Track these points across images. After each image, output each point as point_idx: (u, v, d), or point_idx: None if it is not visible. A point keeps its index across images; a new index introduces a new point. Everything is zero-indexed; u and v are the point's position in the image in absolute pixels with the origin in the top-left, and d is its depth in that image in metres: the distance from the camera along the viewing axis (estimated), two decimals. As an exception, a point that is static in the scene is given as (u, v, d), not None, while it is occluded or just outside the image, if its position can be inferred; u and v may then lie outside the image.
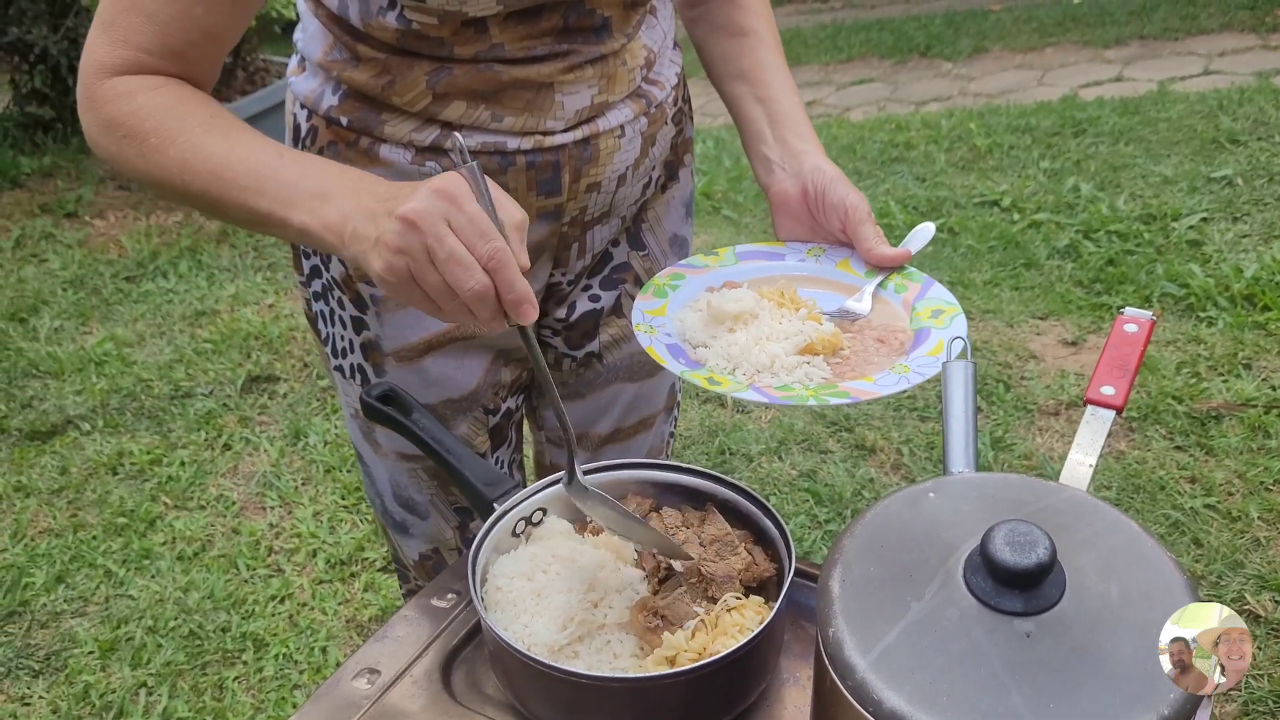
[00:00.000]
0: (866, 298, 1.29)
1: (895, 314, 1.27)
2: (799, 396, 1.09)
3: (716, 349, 1.20)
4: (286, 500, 3.00)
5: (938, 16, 7.41)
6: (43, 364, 3.64)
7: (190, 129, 1.10)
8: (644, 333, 1.22)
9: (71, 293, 4.14)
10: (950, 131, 5.16)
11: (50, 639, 2.60)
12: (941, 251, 4.03)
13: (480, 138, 1.25)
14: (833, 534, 2.70)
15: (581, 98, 1.27)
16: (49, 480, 3.11)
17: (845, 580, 0.88)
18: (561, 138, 1.28)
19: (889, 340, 1.21)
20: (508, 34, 1.19)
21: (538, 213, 1.33)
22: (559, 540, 1.13)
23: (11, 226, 4.66)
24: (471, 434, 1.51)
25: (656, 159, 1.45)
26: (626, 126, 1.34)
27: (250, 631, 2.57)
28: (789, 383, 1.14)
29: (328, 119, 1.28)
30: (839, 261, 1.36)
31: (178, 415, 3.36)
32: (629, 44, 1.31)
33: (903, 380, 1.11)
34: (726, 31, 1.46)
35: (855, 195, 1.33)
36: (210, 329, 3.82)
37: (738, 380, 1.15)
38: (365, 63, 1.22)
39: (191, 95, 1.14)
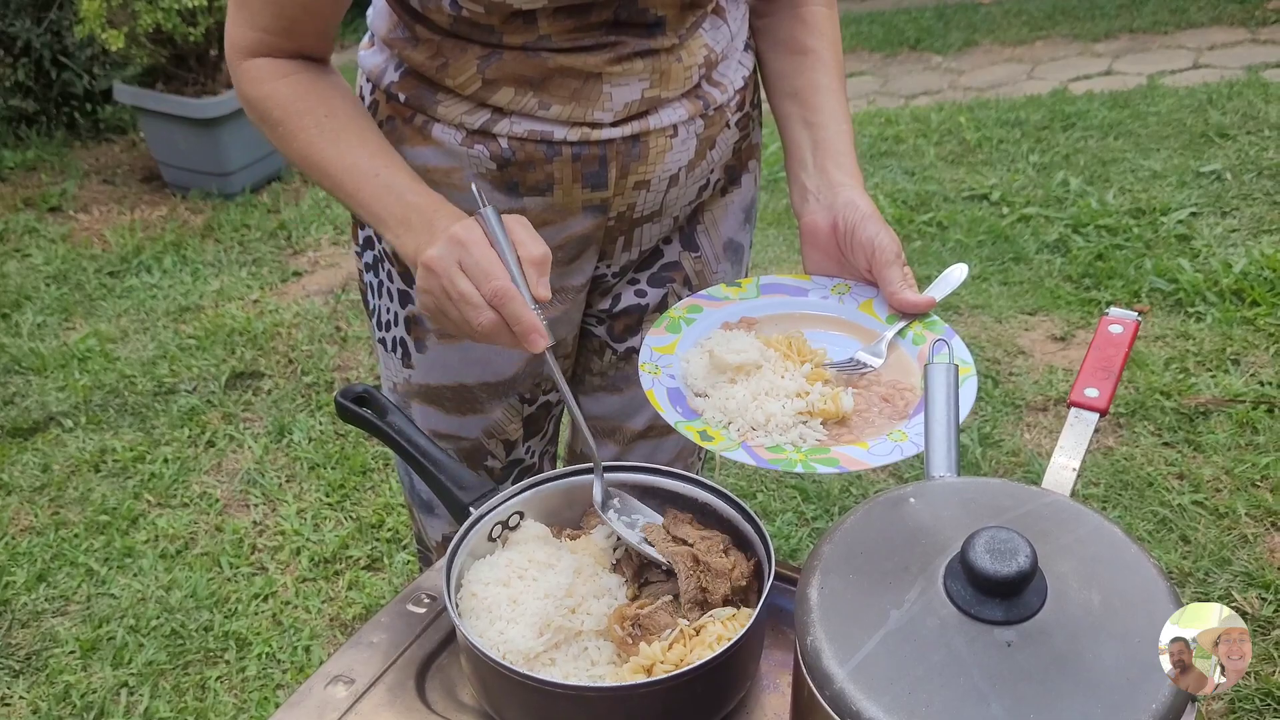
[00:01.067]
0: (882, 349, 1.24)
1: (908, 368, 1.23)
2: (788, 461, 1.08)
3: (714, 400, 1.18)
4: (270, 498, 2.98)
5: (928, 9, 7.39)
6: (25, 360, 3.61)
7: (307, 128, 1.24)
8: (648, 373, 1.21)
9: (55, 288, 4.11)
10: (940, 125, 5.14)
11: (31, 638, 2.58)
12: (930, 246, 4.02)
13: (527, 125, 1.27)
14: (819, 532, 2.69)
15: (631, 90, 1.27)
16: (30, 478, 3.08)
17: (824, 588, 0.86)
18: (609, 132, 1.29)
19: (894, 400, 1.18)
20: (556, 26, 1.21)
21: (583, 205, 1.33)
22: (536, 545, 1.12)
23: (-6, 221, 4.62)
24: (505, 419, 1.53)
25: (716, 162, 1.43)
26: (680, 127, 1.33)
27: (233, 630, 2.55)
28: (782, 443, 1.12)
29: (388, 94, 1.33)
30: (862, 302, 1.32)
31: (161, 412, 3.34)
32: (686, 42, 1.30)
33: (897, 450, 1.09)
34: (787, 48, 1.43)
35: (886, 235, 1.29)
36: (194, 325, 3.79)
37: (730, 437, 1.13)
38: (422, 43, 1.27)
39: (312, 88, 1.26)
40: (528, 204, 1.31)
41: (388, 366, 1.53)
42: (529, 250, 1.10)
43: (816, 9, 1.43)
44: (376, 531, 2.82)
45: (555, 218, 1.34)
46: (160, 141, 4.81)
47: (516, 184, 1.30)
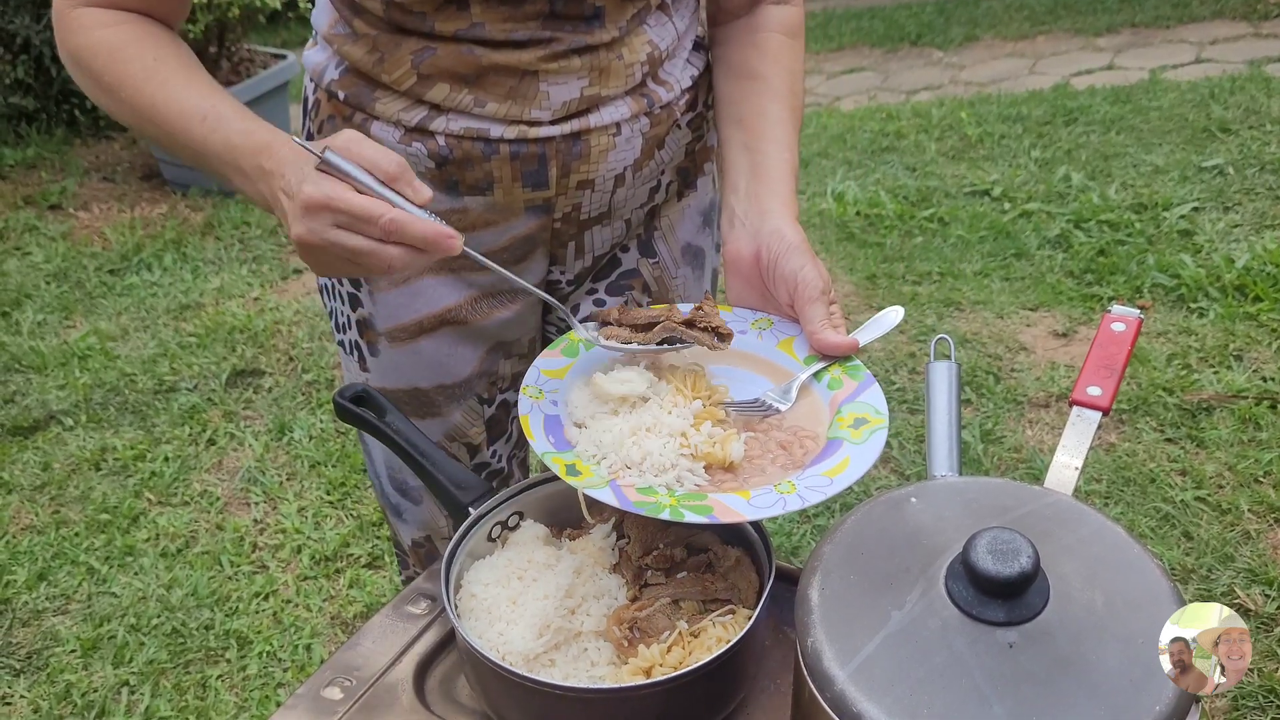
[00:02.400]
0: (792, 392, 1.14)
1: (816, 414, 1.12)
2: (655, 506, 0.97)
3: (591, 432, 1.07)
4: (271, 496, 2.97)
5: (929, 4, 7.38)
6: (25, 358, 3.61)
7: (133, 75, 1.15)
8: (529, 397, 1.11)
9: (55, 286, 4.10)
10: (941, 121, 5.13)
11: (31, 637, 2.57)
12: (932, 242, 4.01)
13: (464, 123, 1.24)
14: (821, 529, 2.68)
15: (569, 89, 1.24)
16: (31, 476, 3.08)
17: (824, 589, 0.86)
18: (548, 130, 1.25)
19: (792, 449, 1.08)
20: (490, 14, 1.18)
21: (525, 205, 1.31)
22: (535, 545, 1.11)
23: (-6, 219, 4.62)
24: (466, 423, 1.50)
25: (666, 163, 1.39)
26: (624, 125, 1.30)
27: (234, 629, 2.55)
28: (656, 484, 1.01)
29: (329, 92, 1.30)
30: (782, 340, 1.21)
31: (161, 410, 3.33)
32: (626, 37, 1.27)
33: (779, 503, 0.98)
34: (738, 73, 1.38)
35: (812, 269, 1.18)
36: (194, 323, 3.79)
37: (599, 473, 1.02)
38: (360, 38, 1.24)
39: (142, 36, 1.17)
40: (468, 203, 1.29)
41: (348, 369, 1.50)
42: (384, 168, 1.02)
43: (773, 36, 1.38)
44: (377, 529, 2.81)
45: (498, 218, 1.31)
46: (160, 139, 4.80)
47: (456, 183, 1.27)
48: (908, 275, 3.79)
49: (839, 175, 4.65)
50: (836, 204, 4.35)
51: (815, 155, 4.94)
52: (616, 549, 1.12)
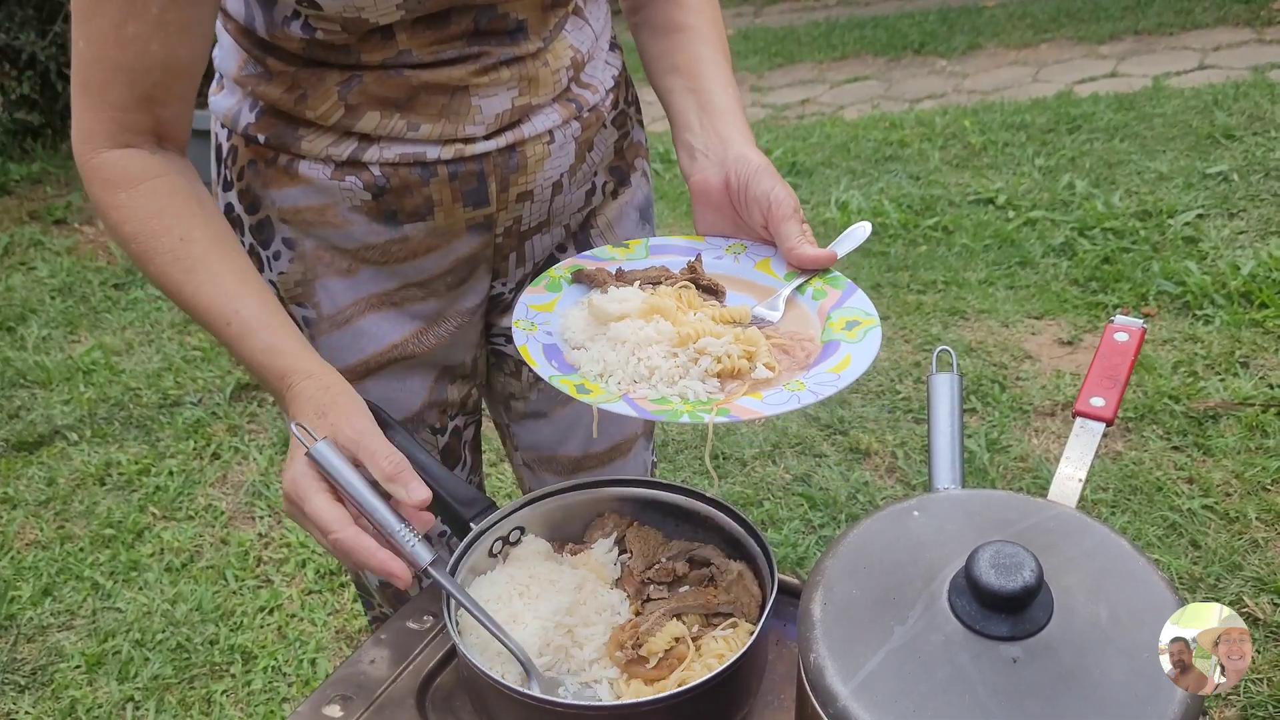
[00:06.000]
0: (780, 303, 1.15)
1: (807, 321, 1.14)
2: (672, 413, 0.98)
3: (593, 352, 1.07)
4: (275, 510, 2.97)
5: (932, 13, 7.39)
6: (30, 373, 3.61)
7: (160, 252, 1.12)
8: (522, 330, 1.11)
9: (60, 301, 4.11)
10: (944, 129, 5.13)
11: (37, 653, 2.57)
12: (936, 250, 4.00)
13: (398, 149, 1.21)
14: (827, 539, 2.67)
15: (500, 101, 1.23)
16: (36, 491, 3.08)
17: (827, 603, 0.85)
18: (484, 145, 1.23)
19: (793, 351, 1.09)
20: (416, 40, 1.16)
21: (467, 224, 1.29)
22: (537, 561, 1.11)
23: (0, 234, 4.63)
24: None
25: (598, 164, 1.39)
26: (556, 132, 1.29)
27: (238, 644, 2.55)
28: (668, 395, 1.02)
29: (246, 137, 1.25)
30: (759, 261, 1.23)
31: (166, 424, 3.33)
32: (550, 46, 1.26)
33: (793, 399, 0.99)
34: (663, 29, 1.39)
35: (782, 189, 1.21)
36: (199, 337, 3.79)
37: (610, 389, 1.03)
38: (277, 77, 1.19)
39: (169, 203, 1.13)
40: (408, 231, 1.26)
41: None
42: (381, 467, 1.02)
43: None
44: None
45: (439, 242, 1.29)
46: (165, 153, 4.81)
47: (394, 212, 1.24)
48: (912, 284, 3.78)
49: (843, 184, 4.65)
50: (840, 213, 4.34)
51: (819, 164, 4.94)
52: (618, 564, 1.11)
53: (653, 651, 0.99)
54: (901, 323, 3.56)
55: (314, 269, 1.30)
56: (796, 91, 6.51)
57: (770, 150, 5.06)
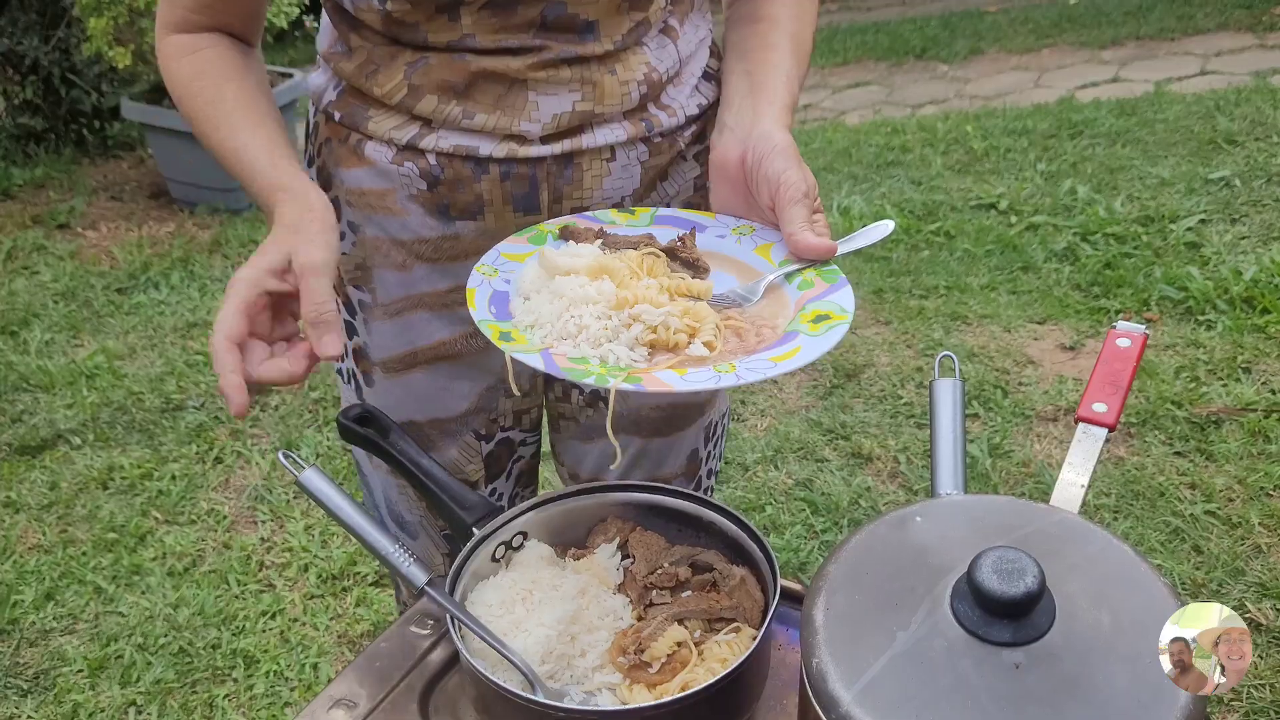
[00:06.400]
0: (759, 288, 1.10)
1: (782, 310, 1.07)
2: (581, 373, 0.95)
3: (532, 304, 1.05)
4: (278, 514, 2.97)
5: (934, 19, 7.39)
6: (33, 377, 3.61)
7: (196, 112, 1.22)
8: (480, 274, 1.09)
9: (63, 305, 4.12)
10: (946, 134, 5.14)
11: (39, 657, 2.57)
12: (938, 255, 4.00)
13: (454, 139, 1.22)
14: (829, 544, 2.67)
15: (559, 101, 1.21)
16: (38, 495, 3.08)
17: (829, 609, 0.85)
18: (538, 149, 1.23)
19: (746, 335, 1.04)
20: (480, 25, 1.17)
21: (517, 230, 1.27)
22: (540, 566, 1.11)
23: (3, 238, 4.63)
24: (462, 459, 1.47)
25: (671, 197, 1.34)
26: (619, 150, 1.26)
27: (241, 648, 2.55)
28: (590, 355, 0.98)
29: (326, 114, 1.30)
30: (761, 245, 1.16)
31: (169, 428, 3.34)
32: (622, 53, 1.24)
33: (713, 379, 0.94)
34: (748, 19, 1.33)
35: (796, 171, 1.13)
36: (202, 340, 3.80)
37: (533, 341, 1.00)
38: (355, 52, 1.24)
39: (211, 67, 1.23)
40: (460, 229, 1.27)
41: (345, 396, 1.49)
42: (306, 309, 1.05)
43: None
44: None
45: (489, 244, 1.26)
46: (168, 157, 4.83)
47: (447, 206, 1.26)
48: (914, 289, 3.78)
49: (845, 190, 4.66)
50: (842, 218, 4.35)
51: (821, 170, 4.94)
52: (621, 569, 1.11)
53: (655, 656, 0.99)
54: (904, 328, 3.56)
55: (372, 257, 1.33)
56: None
57: None
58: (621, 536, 1.14)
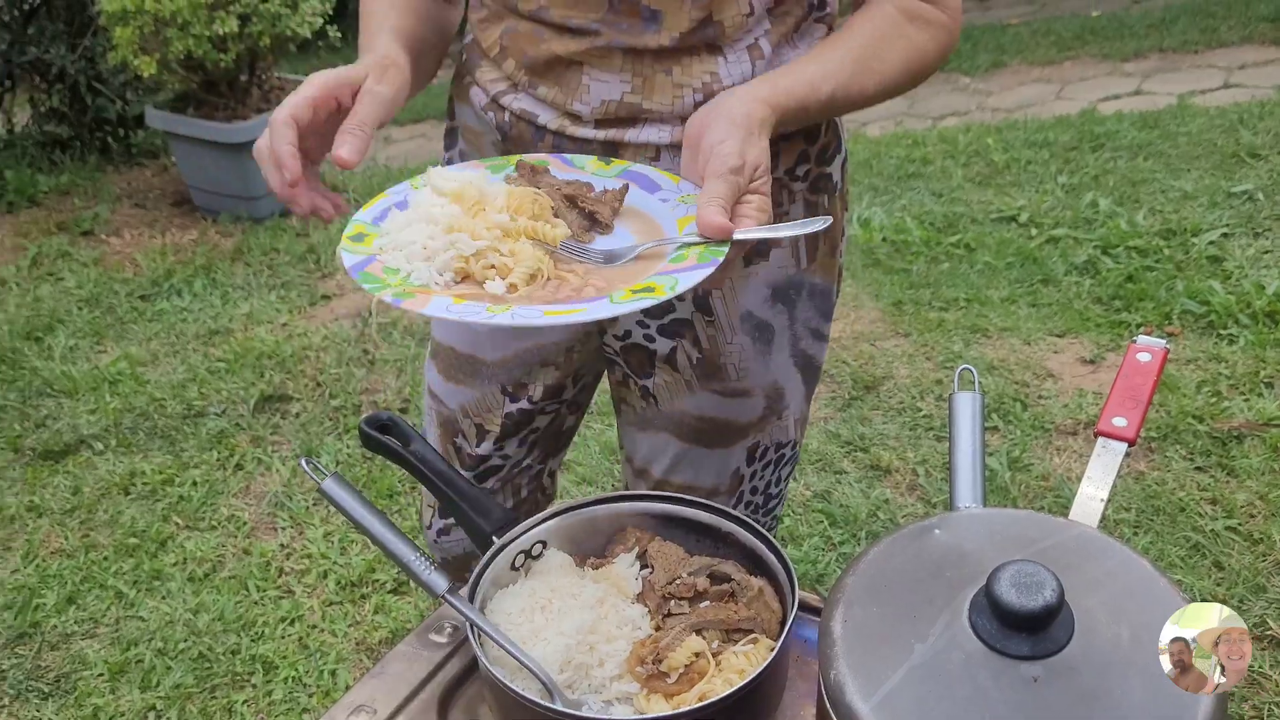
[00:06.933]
0: (624, 256, 1.09)
1: (627, 280, 1.05)
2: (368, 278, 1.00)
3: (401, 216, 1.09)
4: (298, 521, 2.99)
5: (955, 31, 7.38)
6: (57, 383, 3.64)
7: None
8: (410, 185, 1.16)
9: (86, 311, 4.15)
10: (967, 147, 5.12)
11: (60, 661, 2.59)
12: (959, 268, 4.00)
13: (523, 103, 1.31)
14: (846, 556, 2.67)
15: (609, 88, 1.25)
16: (61, 500, 3.11)
17: (847, 621, 0.85)
18: (587, 131, 1.28)
19: (563, 288, 1.04)
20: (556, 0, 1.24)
21: None
22: (558, 574, 1.11)
23: (28, 245, 4.67)
24: (483, 405, 1.55)
25: None
26: (664, 151, 1.26)
27: (260, 654, 2.56)
28: (403, 269, 1.04)
29: (459, 53, 1.45)
30: (688, 215, 1.11)
31: (190, 435, 3.36)
32: (684, 55, 1.23)
33: (461, 311, 0.97)
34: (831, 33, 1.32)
35: (733, 143, 1.08)
36: (224, 348, 3.82)
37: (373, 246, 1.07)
38: (483, 6, 1.35)
39: None
40: None
41: None
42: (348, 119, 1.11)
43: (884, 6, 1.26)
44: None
45: None
46: (191, 166, 4.86)
47: None
48: (934, 301, 3.78)
49: (865, 201, 4.65)
50: (862, 230, 4.34)
51: (841, 181, 4.94)
52: (640, 579, 1.12)
53: (673, 666, 1.00)
54: (923, 340, 3.55)
55: None
56: (819, 108, 6.52)
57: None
58: (640, 546, 1.14)
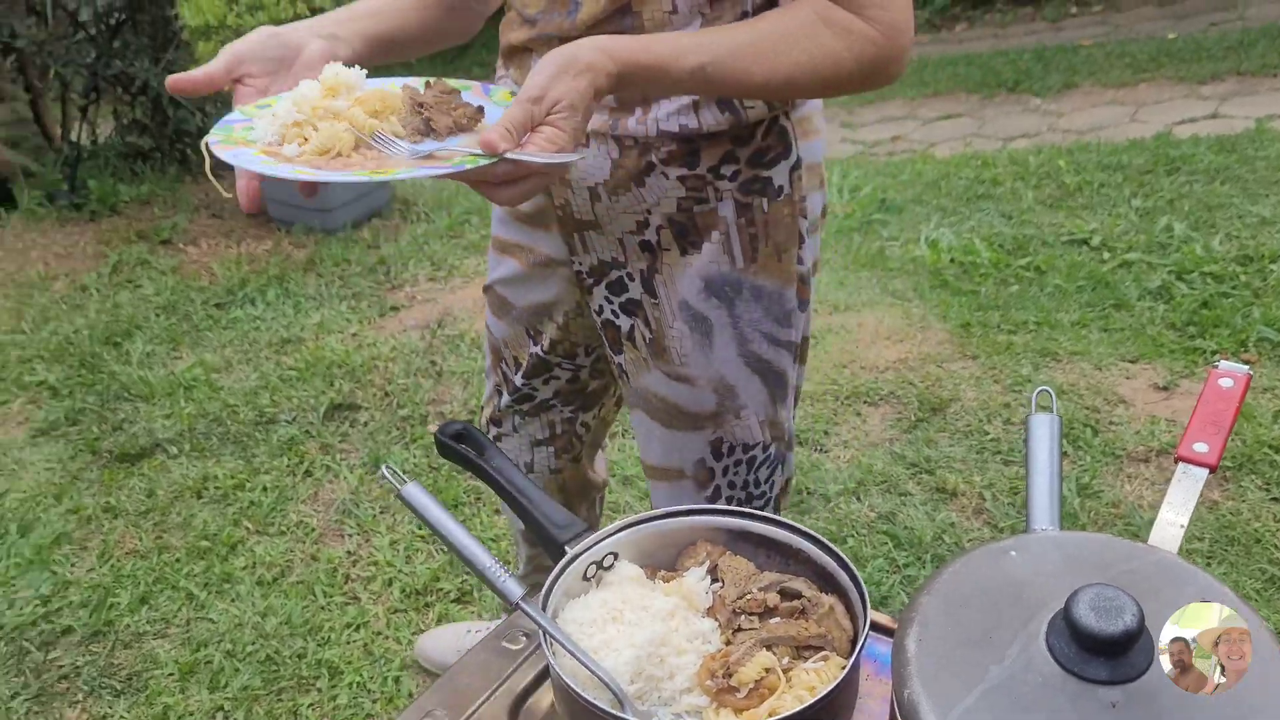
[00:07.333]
0: (423, 150, 1.18)
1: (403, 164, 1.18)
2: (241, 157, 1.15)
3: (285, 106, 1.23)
4: (364, 528, 3.03)
5: (1027, 51, 7.32)
6: (134, 387, 3.73)
7: None
8: None
9: (164, 318, 4.25)
10: (1038, 168, 5.08)
11: (132, 659, 2.65)
12: (1028, 291, 3.95)
13: (509, 85, 1.44)
14: (911, 579, 2.65)
15: None
16: (136, 502, 3.18)
17: (922, 640, 0.85)
18: None
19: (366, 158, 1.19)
20: None
21: None
22: (629, 586, 1.12)
23: (109, 252, 4.80)
24: (514, 341, 1.74)
25: (651, 205, 1.40)
26: (592, 138, 1.38)
27: (325, 659, 2.59)
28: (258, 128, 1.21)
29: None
30: None
31: (261, 441, 3.42)
32: None
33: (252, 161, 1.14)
34: None
35: (541, 77, 1.11)
36: (295, 356, 3.89)
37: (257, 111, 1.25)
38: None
39: None
40: None
41: None
42: None
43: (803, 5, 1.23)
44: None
45: None
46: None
47: None
48: (1003, 324, 3.74)
49: (933, 222, 4.62)
50: (930, 251, 4.32)
51: (909, 201, 4.92)
52: (710, 592, 1.12)
53: (744, 681, 1.00)
54: (991, 363, 3.52)
55: None
56: (887, 128, 6.49)
57: (859, 186, 5.05)
58: (711, 560, 1.15)
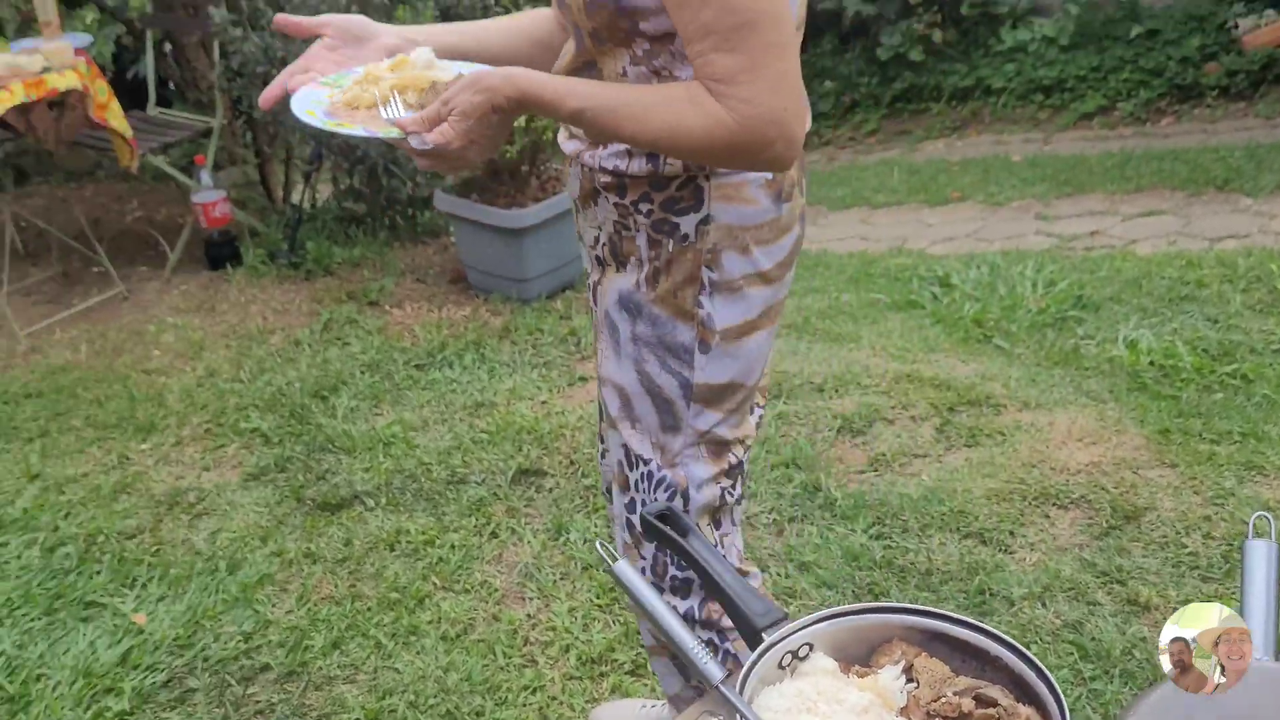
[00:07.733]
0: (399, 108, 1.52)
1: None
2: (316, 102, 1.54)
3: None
4: (545, 593, 3.11)
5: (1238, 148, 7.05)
6: (338, 440, 3.95)
7: None
8: None
9: (368, 375, 4.48)
10: (1248, 271, 4.87)
11: (323, 701, 2.78)
12: (1234, 399, 3.79)
13: None
14: (1098, 693, 2.56)
15: None
16: (334, 550, 3.35)
17: (1127, 762, 0.85)
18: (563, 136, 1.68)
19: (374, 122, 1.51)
20: None
21: None
22: (824, 678, 1.15)
23: (321, 311, 5.10)
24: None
25: (599, 223, 1.62)
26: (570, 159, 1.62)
27: (502, 718, 2.67)
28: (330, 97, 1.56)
29: None
30: None
31: (452, 500, 3.56)
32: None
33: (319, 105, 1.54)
34: None
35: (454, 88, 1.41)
36: (487, 420, 4.04)
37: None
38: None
39: None
40: None
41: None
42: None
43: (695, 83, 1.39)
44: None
45: None
46: (469, 247, 5.20)
47: None
48: (1205, 433, 3.59)
49: (1132, 321, 4.49)
50: (1129, 351, 4.20)
51: (1107, 299, 4.79)
52: (905, 692, 1.14)
53: (938, 784, 1.01)
54: (1191, 472, 3.38)
55: None
56: (1086, 222, 6.34)
57: (1055, 281, 4.95)
58: (906, 660, 1.16)
